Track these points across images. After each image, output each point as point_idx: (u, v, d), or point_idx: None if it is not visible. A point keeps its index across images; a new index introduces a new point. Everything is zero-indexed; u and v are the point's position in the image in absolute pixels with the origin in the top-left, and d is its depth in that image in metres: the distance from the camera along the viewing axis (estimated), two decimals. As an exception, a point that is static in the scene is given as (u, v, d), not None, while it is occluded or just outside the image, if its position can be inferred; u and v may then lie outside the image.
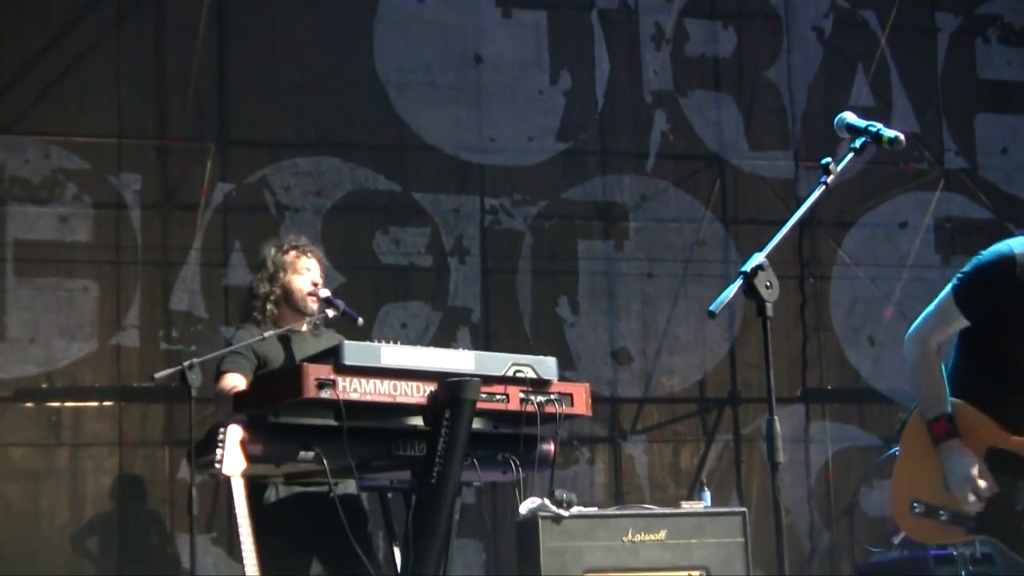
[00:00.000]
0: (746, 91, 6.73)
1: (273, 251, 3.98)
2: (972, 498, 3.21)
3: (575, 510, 4.40)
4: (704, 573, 4.64)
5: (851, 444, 6.77)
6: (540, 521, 4.33)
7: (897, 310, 6.50)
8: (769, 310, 2.75)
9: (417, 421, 3.37)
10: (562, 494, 4.61)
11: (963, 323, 3.44)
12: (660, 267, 6.42)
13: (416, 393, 3.26)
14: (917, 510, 3.48)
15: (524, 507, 4.23)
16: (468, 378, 3.21)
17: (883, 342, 6.68)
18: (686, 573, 4.59)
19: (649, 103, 6.52)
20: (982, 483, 3.23)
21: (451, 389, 3.17)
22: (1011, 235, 4.71)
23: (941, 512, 3.34)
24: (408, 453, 3.36)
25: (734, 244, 6.63)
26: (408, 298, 6.14)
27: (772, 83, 6.83)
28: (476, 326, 6.20)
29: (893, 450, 4.03)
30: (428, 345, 4.32)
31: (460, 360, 3.31)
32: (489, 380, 3.30)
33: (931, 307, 3.51)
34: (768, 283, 2.83)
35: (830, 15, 6.93)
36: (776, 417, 2.57)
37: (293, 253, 4.00)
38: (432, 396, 3.25)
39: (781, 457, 2.65)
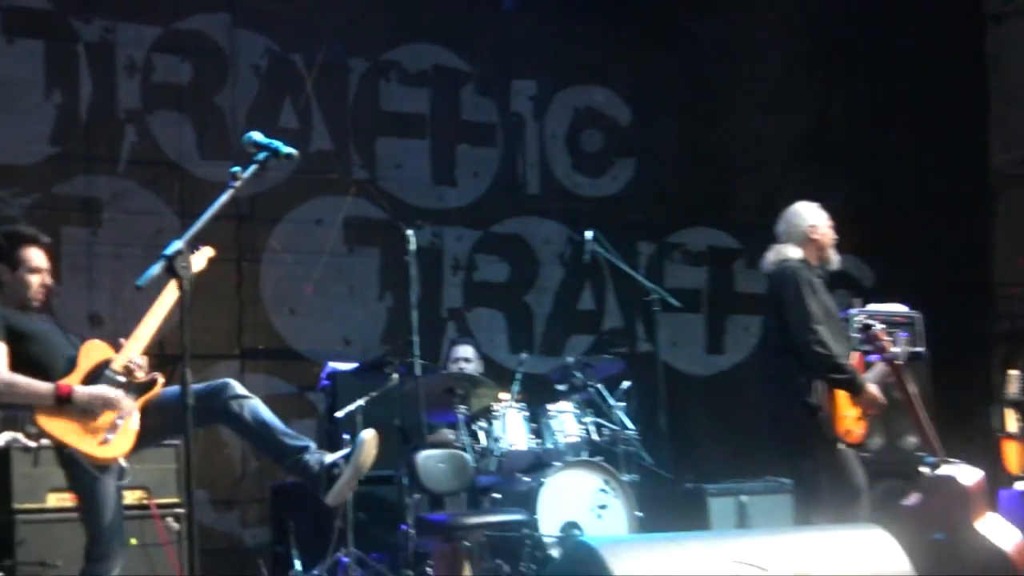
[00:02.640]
0: (200, 112, 7.94)
1: None
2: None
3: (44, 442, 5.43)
4: (145, 492, 5.93)
5: (275, 392, 7.95)
6: (12, 452, 5.57)
7: (315, 288, 8.11)
8: (185, 285, 3.60)
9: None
10: (31, 428, 5.64)
11: None
12: (127, 251, 7.54)
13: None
14: None
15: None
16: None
17: (301, 313, 8.20)
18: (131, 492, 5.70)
19: (122, 119, 7.68)
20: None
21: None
22: (402, 232, 6.69)
23: None
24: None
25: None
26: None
27: (220, 107, 8.05)
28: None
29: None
30: None
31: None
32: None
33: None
34: (184, 264, 3.63)
35: (265, 56, 8.27)
36: (189, 369, 3.72)
37: None
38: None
39: (192, 400, 3.80)
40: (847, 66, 10.42)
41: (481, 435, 7.09)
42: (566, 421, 7.33)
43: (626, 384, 7.79)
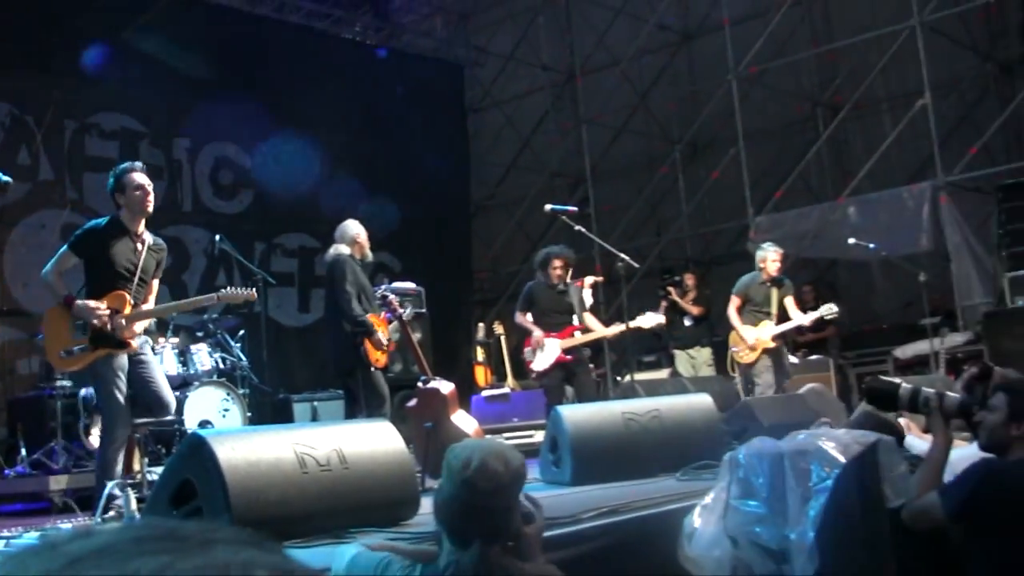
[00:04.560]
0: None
1: None
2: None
3: None
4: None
5: (11, 338, 10.14)
6: None
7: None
8: None
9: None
10: None
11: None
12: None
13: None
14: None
15: None
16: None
17: (32, 286, 9.40)
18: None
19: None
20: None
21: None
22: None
23: None
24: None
25: None
26: None
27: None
28: None
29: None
30: None
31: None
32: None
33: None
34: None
35: (8, 116, 10.96)
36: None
37: None
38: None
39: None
40: (389, 139, 14.46)
41: None
42: (203, 356, 8.99)
43: (242, 332, 9.81)
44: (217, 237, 9.58)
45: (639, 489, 5.04)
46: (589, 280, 10.09)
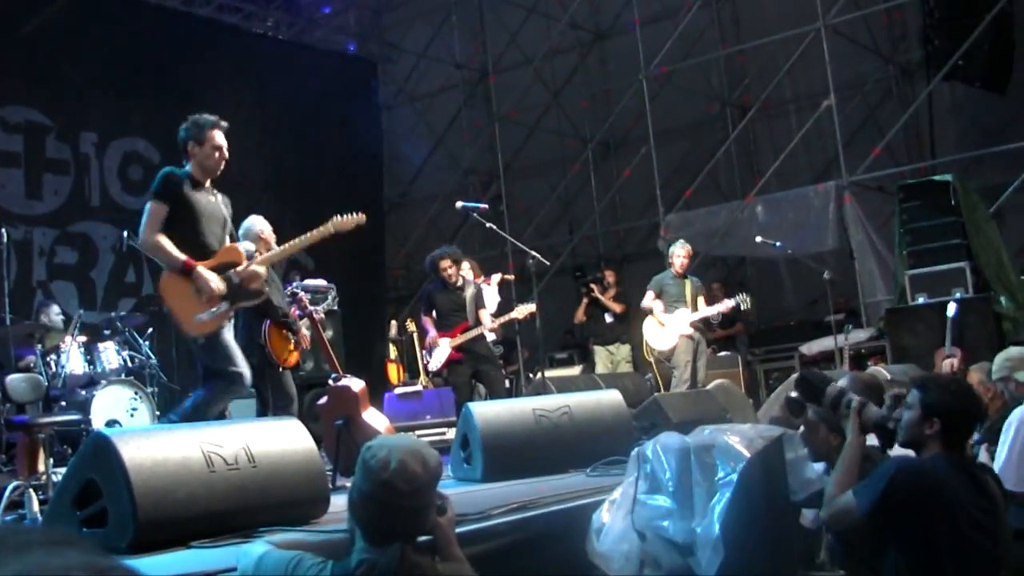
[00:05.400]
0: None
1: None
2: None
3: None
4: None
5: None
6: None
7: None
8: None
9: None
10: None
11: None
12: None
13: None
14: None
15: None
16: None
17: None
18: None
19: None
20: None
21: None
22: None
23: None
24: None
25: None
26: None
27: None
28: None
29: None
30: None
31: None
32: None
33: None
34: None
35: None
36: None
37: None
38: None
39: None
40: (301, 135, 14.56)
41: (52, 364, 8.54)
42: (110, 354, 8.92)
43: (151, 330, 9.64)
44: (125, 233, 9.39)
45: (549, 485, 5.08)
46: (496, 278, 10.16)
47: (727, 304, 9.91)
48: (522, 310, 9.16)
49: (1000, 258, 10.74)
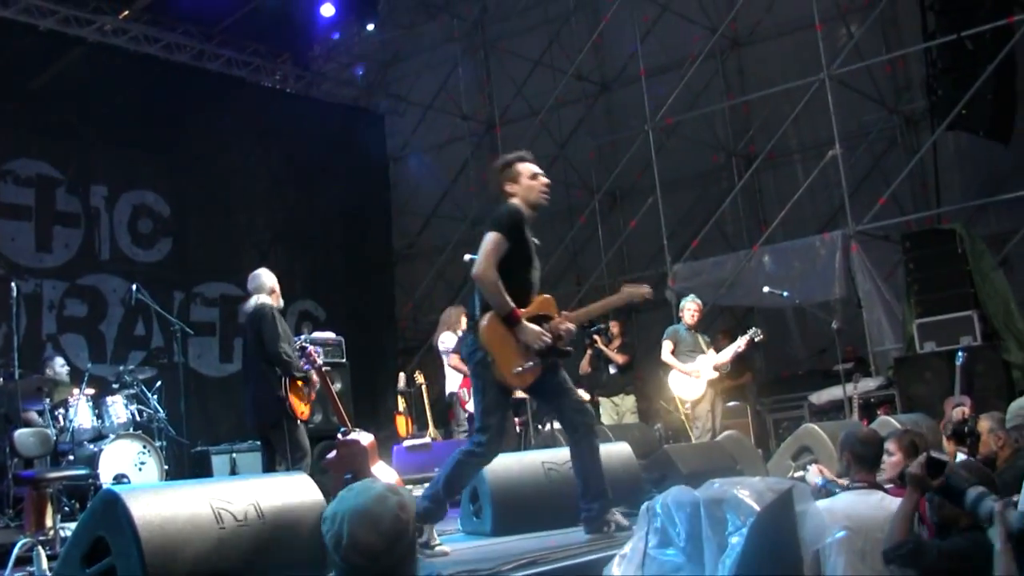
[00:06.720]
0: None
1: None
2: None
3: None
4: None
5: None
6: None
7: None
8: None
9: None
10: None
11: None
12: None
13: None
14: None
15: None
16: None
17: None
18: None
19: None
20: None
21: None
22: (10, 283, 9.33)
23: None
24: None
25: None
26: None
27: None
28: None
29: None
30: None
31: None
32: None
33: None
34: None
35: None
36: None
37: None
38: None
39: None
40: (310, 187, 14.56)
41: (60, 417, 8.61)
42: (118, 408, 9.02)
43: (159, 383, 9.72)
44: (134, 287, 9.54)
45: (559, 539, 5.08)
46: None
47: (743, 340, 9.90)
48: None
49: (1008, 306, 10.72)
